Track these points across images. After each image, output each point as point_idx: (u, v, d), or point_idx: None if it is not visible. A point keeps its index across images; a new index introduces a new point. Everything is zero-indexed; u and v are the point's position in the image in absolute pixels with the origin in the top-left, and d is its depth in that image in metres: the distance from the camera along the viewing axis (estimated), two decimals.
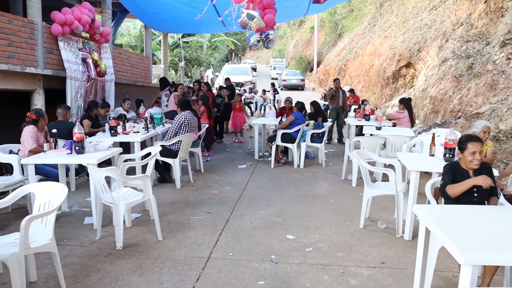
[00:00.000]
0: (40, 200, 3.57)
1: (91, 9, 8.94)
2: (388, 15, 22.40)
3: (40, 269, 3.79)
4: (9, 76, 6.99)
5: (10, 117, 7.35)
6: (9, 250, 3.08)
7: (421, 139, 6.73)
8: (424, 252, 3.22)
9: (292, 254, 4.25)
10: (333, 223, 5.17)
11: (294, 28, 51.65)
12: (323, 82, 30.06)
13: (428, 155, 5.13)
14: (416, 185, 4.54)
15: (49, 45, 7.96)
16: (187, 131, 6.88)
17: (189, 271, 3.84)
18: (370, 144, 6.88)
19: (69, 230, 4.88)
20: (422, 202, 4.22)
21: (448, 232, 2.65)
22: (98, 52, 9.47)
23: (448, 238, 2.55)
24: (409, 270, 3.87)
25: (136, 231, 4.83)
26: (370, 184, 5.09)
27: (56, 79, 8.06)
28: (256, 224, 5.11)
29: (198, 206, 5.82)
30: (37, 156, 5.08)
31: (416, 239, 4.49)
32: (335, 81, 11.79)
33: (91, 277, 3.70)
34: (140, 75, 13.31)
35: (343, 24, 31.94)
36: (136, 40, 26.23)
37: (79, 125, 5.05)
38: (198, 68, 31.49)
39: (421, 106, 12.92)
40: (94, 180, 4.52)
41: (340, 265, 4.00)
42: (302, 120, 8.27)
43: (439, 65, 12.90)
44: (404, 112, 8.62)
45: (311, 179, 7.44)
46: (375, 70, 19.62)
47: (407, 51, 16.50)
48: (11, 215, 5.39)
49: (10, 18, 7.04)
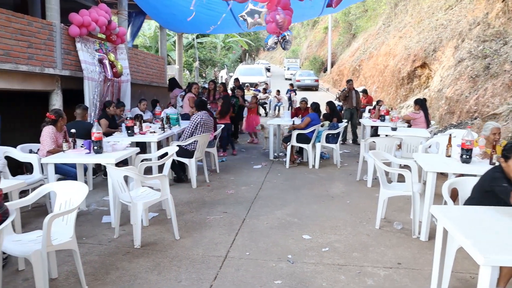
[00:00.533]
0: (61, 198, 3.64)
1: (107, 11, 9.05)
2: (403, 15, 22.25)
3: (60, 266, 3.85)
4: (28, 77, 7.11)
5: (31, 116, 7.48)
6: (32, 247, 3.15)
7: (437, 140, 6.70)
8: (442, 253, 3.22)
9: (308, 254, 4.27)
10: (349, 224, 5.18)
11: (308, 28, 51.56)
12: (337, 83, 29.97)
13: (444, 156, 5.10)
14: (432, 186, 4.53)
15: (67, 46, 8.08)
16: (203, 131, 6.93)
17: (206, 269, 3.88)
18: (386, 144, 6.85)
19: (87, 228, 4.95)
20: (438, 203, 4.23)
21: (466, 233, 2.64)
22: (114, 53, 9.57)
23: (467, 239, 2.54)
24: (426, 271, 3.86)
25: (154, 230, 4.88)
26: (386, 184, 5.08)
27: (73, 80, 8.17)
28: (272, 224, 5.14)
29: (214, 205, 5.86)
30: (57, 156, 5.16)
31: (433, 240, 4.48)
32: (348, 82, 11.81)
33: (110, 275, 3.76)
34: (156, 75, 13.42)
35: (357, 24, 31.80)
36: (150, 41, 26.40)
37: (97, 125, 5.12)
38: (212, 69, 31.59)
39: (437, 106, 12.82)
40: (112, 179, 4.58)
41: (356, 265, 4.01)
42: (317, 121, 8.28)
43: (455, 65, 12.79)
44: (419, 112, 8.57)
45: (326, 179, 7.44)
46: (390, 70, 19.51)
47: (422, 51, 16.38)
48: (31, 213, 5.50)
49: (30, 20, 7.16)
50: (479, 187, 3.57)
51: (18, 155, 5.48)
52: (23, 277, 3.71)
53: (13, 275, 3.76)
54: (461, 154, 4.65)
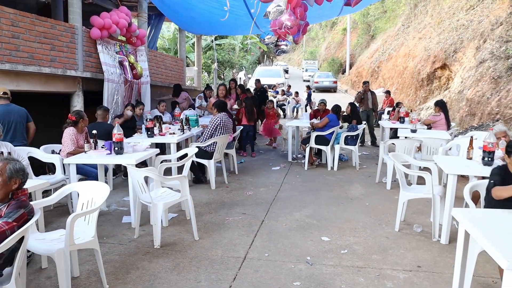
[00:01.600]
0: (83, 198, 3.70)
1: (128, 13, 9.16)
2: (423, 16, 22.00)
3: (82, 265, 3.92)
4: (51, 79, 7.24)
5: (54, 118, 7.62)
6: (56, 245, 3.21)
7: (458, 142, 6.61)
8: (463, 256, 3.17)
9: (327, 256, 4.25)
10: (368, 226, 5.14)
11: (326, 30, 51.37)
12: (356, 84, 29.78)
13: (465, 159, 5.03)
14: (453, 189, 4.46)
15: (88, 49, 8.20)
16: (222, 133, 6.96)
17: (225, 270, 3.89)
18: (405, 146, 6.79)
19: (108, 228, 5.02)
20: (458, 206, 4.16)
21: (489, 236, 2.60)
22: (134, 55, 9.69)
23: (490, 242, 2.50)
24: (446, 275, 3.81)
25: (173, 231, 4.92)
26: (406, 187, 5.04)
27: (94, 81, 8.29)
28: (291, 225, 5.13)
29: (233, 207, 5.88)
30: (78, 156, 5.24)
31: (453, 243, 4.45)
32: (365, 84, 11.76)
33: (130, 274, 3.80)
34: (175, 77, 13.52)
35: (376, 26, 31.55)
36: (169, 43, 26.60)
37: (118, 127, 5.19)
38: (230, 70, 31.69)
39: (457, 108, 12.64)
40: (133, 180, 4.63)
41: (375, 268, 3.98)
42: (336, 122, 8.25)
43: (476, 66, 12.59)
44: (440, 114, 8.47)
45: (345, 181, 7.41)
46: (409, 72, 19.32)
47: (442, 52, 16.18)
48: (53, 213, 5.59)
49: (53, 24, 7.30)
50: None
51: (41, 155, 5.58)
52: (46, 275, 3.78)
53: (37, 273, 3.83)
54: (483, 156, 4.57)
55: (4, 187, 2.82)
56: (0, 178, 2.79)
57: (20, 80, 6.64)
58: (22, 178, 2.89)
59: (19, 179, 2.88)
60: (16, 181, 2.86)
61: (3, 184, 2.81)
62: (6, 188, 2.83)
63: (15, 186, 2.87)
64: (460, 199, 5.06)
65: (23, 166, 2.94)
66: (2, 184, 2.80)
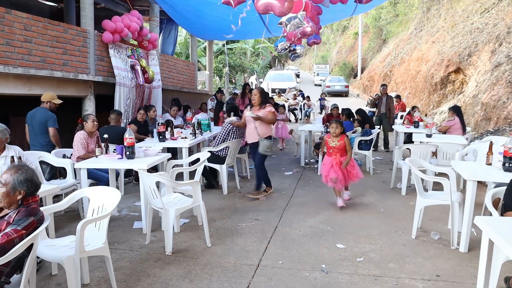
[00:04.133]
0: (94, 204, 3.63)
1: (139, 17, 9.16)
2: (436, 20, 21.78)
3: (92, 272, 3.84)
4: (63, 83, 7.23)
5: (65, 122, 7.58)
6: (65, 252, 3.14)
7: (475, 147, 6.45)
8: (487, 266, 3.04)
9: (342, 264, 4.14)
10: (384, 233, 5.01)
11: (338, 34, 51.20)
12: (368, 89, 29.59)
13: (484, 164, 4.89)
14: (473, 195, 4.31)
15: (100, 53, 8.20)
16: (235, 138, 6.88)
17: (238, 278, 3.80)
18: (421, 152, 6.66)
19: (119, 234, 4.95)
20: (477, 213, 4.03)
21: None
22: (146, 59, 9.67)
23: None
24: (467, 284, 3.68)
25: (185, 237, 4.84)
26: (423, 193, 4.90)
27: (106, 85, 8.28)
28: (305, 232, 5.02)
29: (246, 212, 5.79)
30: (89, 161, 5.19)
31: (472, 251, 4.32)
32: (382, 87, 11.53)
33: (141, 282, 3.72)
34: (186, 81, 13.51)
35: (388, 30, 31.34)
36: (181, 47, 26.66)
37: (129, 131, 5.13)
38: (242, 75, 31.69)
39: (472, 113, 12.44)
40: (144, 185, 4.56)
41: (393, 277, 3.86)
42: (350, 127, 8.13)
43: (492, 70, 12.40)
44: (454, 119, 8.32)
45: (359, 187, 7.26)
46: (422, 76, 19.11)
47: (456, 56, 15.97)
48: (64, 218, 5.54)
49: (65, 28, 7.30)
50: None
51: (52, 159, 5.54)
52: (56, 282, 3.71)
53: (47, 279, 3.77)
54: (504, 162, 4.43)
55: (7, 198, 2.76)
56: (4, 189, 2.73)
57: (33, 84, 6.64)
58: (26, 190, 2.79)
59: (23, 190, 2.78)
60: (20, 192, 2.77)
61: (7, 194, 2.75)
62: (9, 198, 2.77)
63: (20, 196, 2.79)
64: (479, 205, 4.95)
65: (30, 176, 2.83)
66: (6, 195, 2.74)
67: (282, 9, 5.31)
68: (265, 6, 5.44)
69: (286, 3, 5.26)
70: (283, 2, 5.26)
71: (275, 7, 5.33)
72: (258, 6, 5.55)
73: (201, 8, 10.06)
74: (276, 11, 5.43)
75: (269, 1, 5.36)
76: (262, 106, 6.33)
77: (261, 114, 6.23)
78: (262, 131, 6.32)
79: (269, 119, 6.32)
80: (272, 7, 5.37)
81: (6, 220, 2.70)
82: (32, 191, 2.85)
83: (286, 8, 5.30)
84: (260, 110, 6.30)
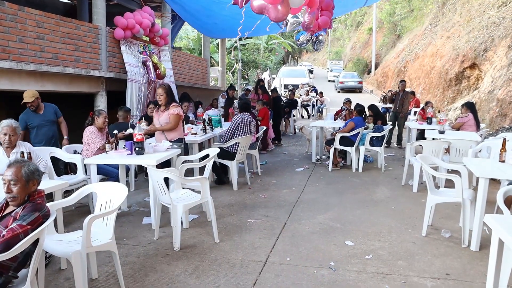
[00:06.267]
0: (101, 199, 3.66)
1: (151, 13, 9.17)
2: (451, 14, 21.47)
3: (100, 267, 3.87)
4: (75, 79, 7.28)
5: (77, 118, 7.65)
6: (73, 247, 3.16)
7: (488, 144, 6.35)
8: (497, 265, 2.99)
9: (351, 261, 4.10)
10: (394, 230, 4.96)
11: (352, 29, 50.84)
12: (381, 85, 29.33)
13: (497, 161, 4.80)
14: (485, 193, 4.24)
15: (112, 49, 8.23)
16: (244, 132, 6.87)
17: (245, 275, 3.79)
18: (433, 148, 6.57)
19: (128, 229, 4.98)
20: (489, 211, 3.96)
21: None
22: (157, 55, 9.69)
23: None
24: (477, 284, 3.62)
25: (193, 233, 4.84)
26: (434, 190, 4.83)
27: (117, 82, 8.31)
28: (314, 228, 4.99)
29: (255, 208, 5.78)
30: (99, 157, 5.22)
31: (484, 250, 4.25)
32: (401, 83, 11.38)
33: (149, 277, 3.73)
34: (198, 77, 13.51)
35: (402, 25, 30.98)
36: (194, 43, 26.66)
37: (139, 127, 5.14)
38: (255, 71, 31.63)
39: (487, 109, 12.25)
40: (153, 181, 4.57)
41: (401, 275, 3.81)
42: (361, 124, 8.06)
43: (508, 65, 12.18)
44: (468, 115, 8.21)
45: (370, 183, 7.22)
46: (437, 71, 18.87)
47: (471, 51, 15.73)
48: (75, 213, 5.60)
49: (77, 24, 7.34)
50: None
51: (63, 155, 5.59)
52: (65, 276, 3.75)
53: (56, 274, 3.81)
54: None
55: (24, 191, 2.79)
56: (19, 184, 2.76)
57: (45, 81, 6.69)
58: (38, 178, 2.87)
59: (36, 180, 2.86)
60: (34, 182, 2.85)
61: (23, 188, 2.78)
62: (26, 192, 2.81)
63: (34, 187, 2.86)
64: (491, 203, 4.87)
65: (36, 165, 2.92)
66: (22, 189, 2.78)
67: (277, 14, 5.16)
68: (259, 6, 5.28)
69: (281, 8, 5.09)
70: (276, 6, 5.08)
71: (270, 12, 5.18)
72: (254, 8, 5.39)
73: (211, 7, 10.04)
74: (272, 17, 5.26)
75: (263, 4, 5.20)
76: (167, 107, 5.88)
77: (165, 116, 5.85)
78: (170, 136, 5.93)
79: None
80: (267, 11, 5.22)
81: (12, 216, 2.73)
82: (40, 181, 2.89)
83: (281, 13, 5.15)
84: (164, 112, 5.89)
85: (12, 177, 2.75)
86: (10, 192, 2.76)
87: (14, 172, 2.77)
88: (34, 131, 5.96)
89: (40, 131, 5.99)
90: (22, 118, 5.86)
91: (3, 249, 2.45)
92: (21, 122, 5.72)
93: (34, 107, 5.86)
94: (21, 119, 5.84)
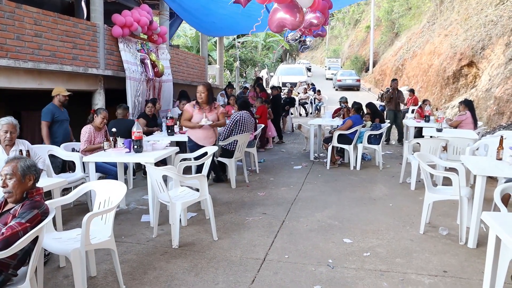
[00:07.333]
0: (100, 197, 3.66)
1: (149, 11, 9.15)
2: (449, 12, 21.50)
3: (99, 265, 3.88)
4: (73, 77, 7.27)
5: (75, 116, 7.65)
6: (72, 245, 3.17)
7: (486, 142, 6.37)
8: (494, 262, 3.01)
9: (349, 258, 4.12)
10: (392, 228, 4.98)
11: (349, 27, 50.86)
12: (379, 83, 29.36)
13: (495, 159, 4.82)
14: (482, 191, 4.26)
15: (110, 47, 8.22)
16: (242, 130, 6.87)
17: (244, 272, 3.80)
18: (431, 146, 6.59)
19: (127, 227, 4.98)
20: (486, 209, 3.98)
21: None
22: (156, 53, 9.67)
23: None
24: (474, 281, 3.64)
25: (192, 230, 4.85)
26: (431, 188, 4.85)
27: (115, 80, 8.30)
28: (312, 226, 5.01)
29: (254, 206, 5.79)
30: (97, 154, 5.22)
31: (481, 247, 4.28)
32: (393, 82, 11.46)
33: (147, 275, 3.74)
34: (196, 75, 13.50)
35: (400, 23, 31.02)
36: (192, 41, 26.65)
37: (137, 124, 5.15)
38: (252, 69, 31.62)
39: (484, 107, 12.29)
40: (151, 179, 4.58)
41: (399, 272, 3.83)
42: (359, 122, 8.08)
43: (506, 63, 12.22)
44: (466, 113, 8.23)
45: (368, 181, 7.24)
46: (434, 69, 18.91)
47: (469, 49, 15.76)
48: (73, 211, 5.60)
49: (75, 22, 7.32)
50: None
51: (61, 153, 5.59)
52: (63, 274, 3.75)
53: (55, 271, 3.81)
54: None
55: (20, 186, 2.79)
56: (14, 178, 2.76)
57: (43, 79, 6.68)
58: (35, 174, 2.86)
59: (32, 175, 2.85)
60: (30, 177, 2.84)
61: (19, 183, 2.77)
62: (22, 187, 2.80)
63: (30, 183, 2.84)
64: (488, 201, 4.89)
65: (33, 161, 2.92)
66: (18, 184, 2.77)
67: (294, 22, 5.25)
68: (278, 23, 5.39)
69: (298, 16, 5.18)
70: (295, 15, 5.18)
71: (287, 22, 5.28)
72: (272, 28, 5.52)
73: (209, 6, 10.03)
74: (289, 26, 5.37)
75: (281, 17, 5.30)
76: (213, 105, 6.25)
77: (214, 114, 6.16)
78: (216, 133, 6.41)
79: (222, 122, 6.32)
80: (284, 22, 5.31)
81: (11, 213, 2.73)
82: (37, 177, 2.89)
83: (298, 22, 5.24)
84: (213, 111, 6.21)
85: (7, 171, 2.76)
86: (6, 187, 2.76)
87: (10, 166, 2.78)
88: (57, 125, 6.24)
89: (62, 126, 6.33)
90: (50, 110, 6.16)
91: (3, 247, 2.45)
92: (48, 113, 6.13)
93: (65, 102, 6.36)
94: (49, 110, 6.15)
